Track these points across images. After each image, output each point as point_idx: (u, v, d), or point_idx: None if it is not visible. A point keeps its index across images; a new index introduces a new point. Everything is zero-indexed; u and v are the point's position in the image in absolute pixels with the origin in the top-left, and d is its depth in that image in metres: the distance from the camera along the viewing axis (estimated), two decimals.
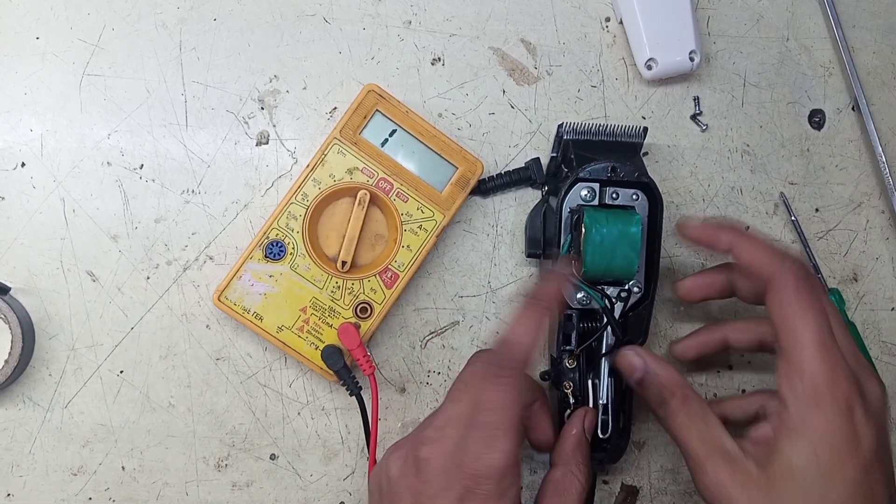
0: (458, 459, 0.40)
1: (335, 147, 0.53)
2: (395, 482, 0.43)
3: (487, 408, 0.41)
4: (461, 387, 0.44)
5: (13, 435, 0.54)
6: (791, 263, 0.43)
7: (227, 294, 0.52)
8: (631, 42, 0.57)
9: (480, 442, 0.40)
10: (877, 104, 0.59)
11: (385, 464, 0.44)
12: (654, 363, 0.46)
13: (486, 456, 0.40)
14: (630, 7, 0.56)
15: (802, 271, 0.43)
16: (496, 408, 0.41)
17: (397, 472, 0.43)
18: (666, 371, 0.46)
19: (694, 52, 0.56)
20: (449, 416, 0.43)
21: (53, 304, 0.54)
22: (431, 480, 0.41)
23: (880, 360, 0.58)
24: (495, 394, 0.41)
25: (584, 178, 0.51)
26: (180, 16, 0.56)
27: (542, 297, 0.45)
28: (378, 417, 0.51)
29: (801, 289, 0.42)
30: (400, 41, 0.57)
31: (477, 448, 0.40)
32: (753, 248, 0.45)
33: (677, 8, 0.56)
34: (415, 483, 0.42)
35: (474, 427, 0.41)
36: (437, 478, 0.41)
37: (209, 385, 0.55)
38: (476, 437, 0.40)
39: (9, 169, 0.55)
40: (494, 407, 0.41)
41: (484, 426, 0.41)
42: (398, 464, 0.43)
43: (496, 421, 0.41)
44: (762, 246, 0.45)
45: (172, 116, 0.55)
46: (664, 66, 0.56)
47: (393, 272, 0.53)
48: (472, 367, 0.44)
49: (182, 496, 0.54)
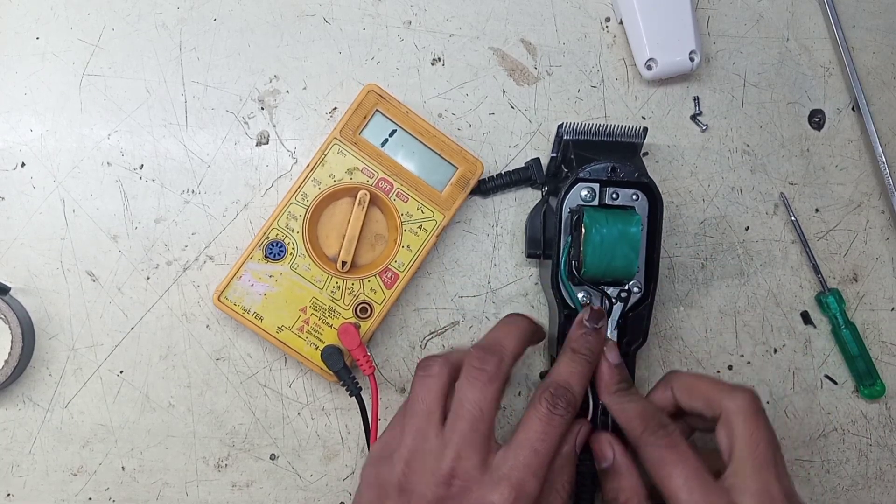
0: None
1: (335, 147, 0.53)
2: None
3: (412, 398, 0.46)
4: None
5: (13, 435, 0.54)
6: (738, 403, 0.45)
7: (227, 294, 0.52)
8: (631, 42, 0.57)
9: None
10: (877, 104, 0.59)
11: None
12: (622, 461, 0.47)
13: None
14: (630, 7, 0.56)
15: (752, 408, 0.45)
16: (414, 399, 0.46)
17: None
18: (629, 475, 0.47)
19: (694, 53, 0.56)
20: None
21: (53, 304, 0.54)
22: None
23: (880, 361, 0.58)
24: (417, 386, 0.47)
25: (584, 179, 0.51)
26: (180, 16, 0.56)
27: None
28: (378, 418, 0.51)
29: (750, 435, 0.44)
30: (400, 41, 0.57)
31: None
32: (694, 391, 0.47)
33: (677, 8, 0.56)
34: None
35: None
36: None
37: (209, 385, 0.55)
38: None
39: (9, 169, 0.55)
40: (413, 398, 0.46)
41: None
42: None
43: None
44: (703, 385, 0.47)
45: (172, 116, 0.55)
46: (664, 66, 0.56)
47: (393, 272, 0.53)
48: None
49: (182, 496, 0.54)
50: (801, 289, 0.58)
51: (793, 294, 0.58)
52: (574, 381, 0.46)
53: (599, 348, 0.48)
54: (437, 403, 0.45)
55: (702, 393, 0.47)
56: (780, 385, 0.58)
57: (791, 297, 0.58)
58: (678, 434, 0.45)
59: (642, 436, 0.45)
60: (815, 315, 0.58)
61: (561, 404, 0.45)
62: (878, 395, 0.58)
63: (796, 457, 0.57)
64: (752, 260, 0.58)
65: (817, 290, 0.58)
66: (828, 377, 0.58)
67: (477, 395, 0.45)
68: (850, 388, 0.58)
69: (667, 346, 0.57)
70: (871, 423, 0.58)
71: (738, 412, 0.44)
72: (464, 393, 0.45)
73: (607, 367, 0.48)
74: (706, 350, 0.57)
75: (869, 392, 0.57)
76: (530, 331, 0.49)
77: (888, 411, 0.58)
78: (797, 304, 0.58)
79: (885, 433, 0.58)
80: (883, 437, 0.58)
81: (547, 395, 0.45)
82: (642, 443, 0.45)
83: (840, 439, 0.58)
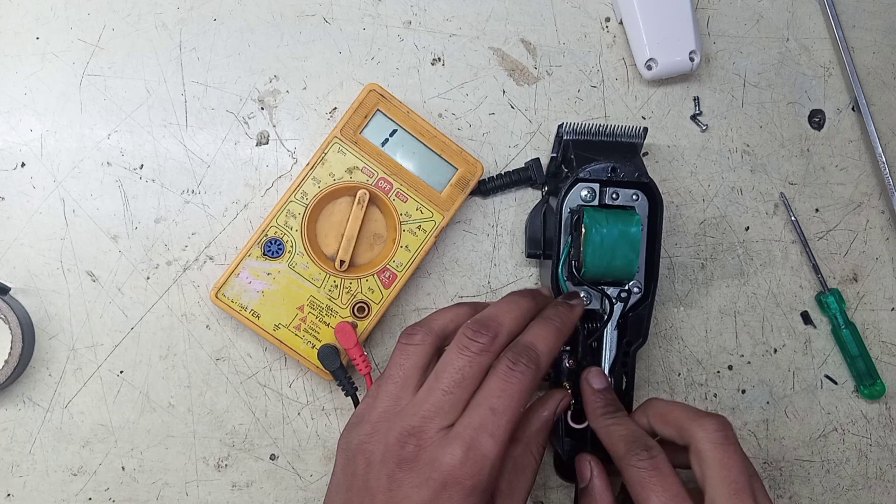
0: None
1: (335, 146, 0.53)
2: None
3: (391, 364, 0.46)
4: None
5: (13, 435, 0.54)
6: (707, 430, 0.44)
7: (225, 291, 0.52)
8: (631, 42, 0.57)
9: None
10: (877, 104, 0.59)
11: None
12: (597, 483, 0.47)
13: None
14: (630, 7, 0.56)
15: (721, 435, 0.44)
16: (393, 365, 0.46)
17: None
18: (602, 499, 0.47)
19: (694, 53, 0.56)
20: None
21: (53, 304, 0.54)
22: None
23: (880, 361, 0.58)
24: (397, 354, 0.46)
25: (584, 179, 0.51)
26: (180, 16, 0.56)
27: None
28: None
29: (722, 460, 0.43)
30: (400, 41, 0.57)
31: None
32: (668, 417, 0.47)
33: (677, 8, 0.56)
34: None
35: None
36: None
37: (209, 385, 0.55)
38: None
39: (9, 169, 0.55)
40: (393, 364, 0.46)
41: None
42: None
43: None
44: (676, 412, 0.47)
45: (172, 116, 0.56)
46: (664, 66, 0.56)
47: (391, 272, 0.53)
48: None
49: (182, 496, 0.54)
50: (801, 289, 0.58)
51: (793, 294, 0.58)
52: (539, 342, 0.45)
53: (570, 320, 0.47)
54: (416, 371, 0.45)
55: (674, 421, 0.46)
56: (780, 385, 0.58)
57: (791, 297, 0.58)
58: (662, 458, 0.44)
59: (625, 457, 0.44)
60: (815, 315, 0.58)
61: (522, 361, 0.43)
62: (878, 395, 0.57)
63: (796, 457, 0.57)
64: (752, 260, 0.58)
65: (817, 290, 0.58)
66: (828, 377, 0.58)
67: (462, 362, 0.43)
68: (850, 388, 0.58)
69: (667, 346, 0.57)
70: (871, 423, 0.58)
71: (707, 440, 0.43)
72: (449, 359, 0.44)
73: (591, 393, 0.48)
74: (706, 350, 0.57)
75: (869, 392, 0.57)
76: (532, 310, 0.47)
77: (888, 411, 0.58)
78: (797, 304, 0.58)
79: (885, 433, 0.58)
80: (883, 437, 0.58)
81: (508, 354, 0.44)
82: (625, 464, 0.44)
83: (840, 439, 0.58)
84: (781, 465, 0.57)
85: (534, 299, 0.48)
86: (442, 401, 0.43)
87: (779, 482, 0.57)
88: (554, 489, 0.56)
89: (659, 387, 0.57)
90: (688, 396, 0.57)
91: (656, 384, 0.57)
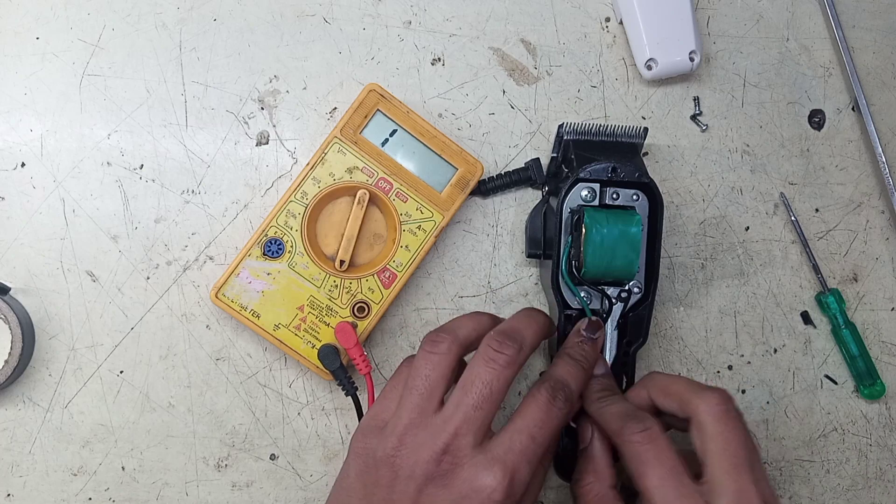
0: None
1: (335, 146, 0.53)
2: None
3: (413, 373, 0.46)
4: None
5: (13, 435, 0.54)
6: (708, 402, 0.44)
7: (225, 291, 0.52)
8: (631, 42, 0.57)
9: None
10: (877, 104, 0.59)
11: None
12: (597, 444, 0.47)
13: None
14: (630, 7, 0.56)
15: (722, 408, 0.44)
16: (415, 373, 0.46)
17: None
18: (599, 460, 0.47)
19: (694, 53, 0.56)
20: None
21: (53, 304, 0.54)
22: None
23: (880, 361, 0.58)
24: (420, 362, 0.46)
25: (584, 179, 0.51)
26: (180, 16, 0.56)
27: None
28: None
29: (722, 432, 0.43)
30: (400, 41, 0.57)
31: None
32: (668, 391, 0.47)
33: (677, 8, 0.56)
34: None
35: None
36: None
37: (209, 385, 0.55)
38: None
39: (9, 169, 0.55)
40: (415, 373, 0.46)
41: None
42: None
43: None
44: (676, 385, 0.47)
45: (172, 116, 0.56)
46: (664, 66, 0.56)
47: (391, 272, 0.53)
48: None
49: (182, 496, 0.54)
50: (801, 289, 0.58)
51: (793, 294, 0.58)
52: (571, 380, 0.46)
53: (595, 357, 0.48)
54: (441, 381, 0.45)
55: (675, 393, 0.46)
56: (780, 385, 0.58)
57: (791, 297, 0.58)
58: (657, 430, 0.43)
59: (621, 432, 0.44)
60: (815, 315, 0.58)
61: (560, 397, 0.44)
62: (878, 395, 0.57)
63: (796, 457, 0.57)
64: (752, 260, 0.58)
65: (817, 290, 0.58)
66: (828, 377, 0.58)
67: (490, 375, 0.44)
68: (850, 388, 0.58)
69: (667, 346, 0.57)
70: (871, 423, 0.58)
71: (709, 412, 0.43)
72: (476, 372, 0.44)
73: (586, 368, 0.48)
74: (706, 350, 0.57)
75: (869, 392, 0.57)
76: (548, 326, 0.48)
77: (888, 411, 0.58)
78: (797, 304, 0.58)
79: (885, 433, 0.58)
80: (883, 437, 0.58)
81: (547, 387, 0.45)
82: (621, 440, 0.44)
83: (840, 439, 0.58)
84: (781, 465, 0.57)
85: (549, 316, 0.49)
86: (473, 416, 0.43)
87: (779, 482, 0.57)
88: (554, 489, 0.56)
89: None
90: None
91: None
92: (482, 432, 0.43)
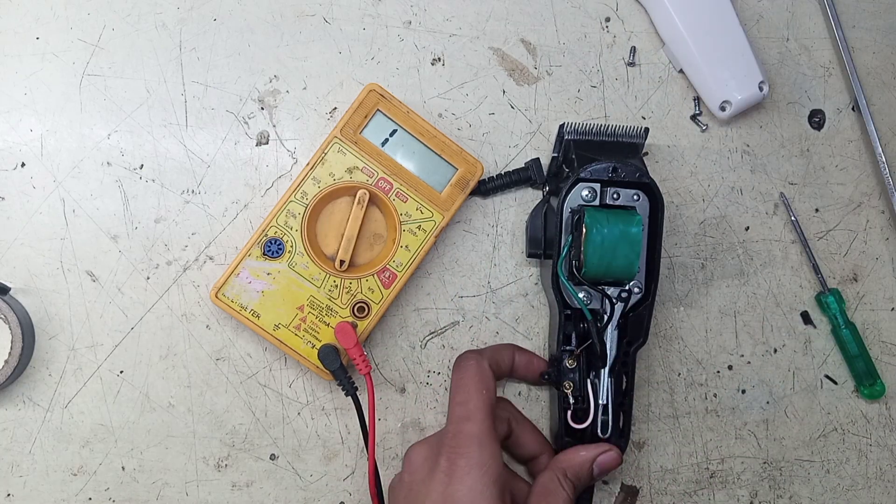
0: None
1: (335, 146, 0.53)
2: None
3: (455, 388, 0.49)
4: None
5: (13, 435, 0.54)
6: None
7: (225, 291, 0.52)
8: (698, 88, 0.57)
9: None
10: (877, 104, 0.59)
11: None
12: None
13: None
14: (690, 56, 0.56)
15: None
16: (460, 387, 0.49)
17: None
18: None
19: (763, 83, 0.56)
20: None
21: (53, 304, 0.54)
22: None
23: (880, 361, 0.58)
24: (458, 374, 0.49)
25: (585, 179, 0.51)
26: (180, 16, 0.56)
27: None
28: (377, 418, 0.51)
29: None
30: (400, 41, 0.57)
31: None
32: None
33: (735, 44, 0.56)
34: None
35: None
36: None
37: (209, 385, 0.55)
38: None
39: (9, 169, 0.55)
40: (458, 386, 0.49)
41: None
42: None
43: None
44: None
45: (172, 116, 0.55)
46: (738, 104, 0.56)
47: (391, 272, 0.53)
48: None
49: (182, 496, 0.54)
50: (801, 289, 0.58)
51: (793, 294, 0.58)
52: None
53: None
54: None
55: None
56: (780, 385, 0.58)
57: (791, 297, 0.58)
58: None
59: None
60: (815, 315, 0.58)
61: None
62: (878, 395, 0.57)
63: (796, 457, 0.57)
64: (752, 260, 0.58)
65: (817, 290, 0.58)
66: (828, 377, 0.58)
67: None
68: (850, 388, 0.58)
69: (667, 346, 0.57)
70: (871, 423, 0.58)
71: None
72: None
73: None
74: (706, 350, 0.57)
75: (869, 392, 0.57)
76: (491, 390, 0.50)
77: (888, 411, 0.58)
78: (797, 304, 0.58)
79: (885, 433, 0.58)
80: (883, 437, 0.58)
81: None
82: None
83: (840, 439, 0.58)
84: (781, 465, 0.57)
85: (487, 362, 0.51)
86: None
87: (779, 482, 0.57)
88: None
89: (659, 387, 0.57)
90: (688, 396, 0.57)
91: (656, 384, 0.57)
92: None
